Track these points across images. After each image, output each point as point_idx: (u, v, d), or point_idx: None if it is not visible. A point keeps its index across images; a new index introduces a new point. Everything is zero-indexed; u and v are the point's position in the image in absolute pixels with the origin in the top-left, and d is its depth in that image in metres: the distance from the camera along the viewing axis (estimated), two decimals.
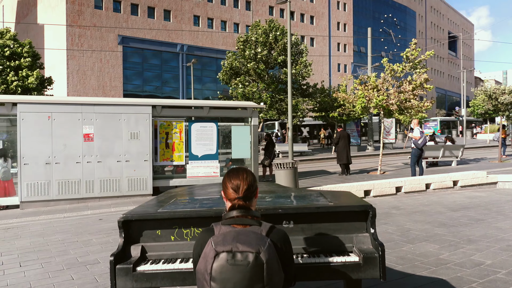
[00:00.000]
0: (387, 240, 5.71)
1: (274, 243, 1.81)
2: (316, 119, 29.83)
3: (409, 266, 4.56)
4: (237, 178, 1.95)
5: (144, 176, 11.09)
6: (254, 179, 2.00)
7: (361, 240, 2.44)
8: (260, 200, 2.80)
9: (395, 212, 7.74)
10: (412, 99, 13.80)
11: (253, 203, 1.97)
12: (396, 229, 6.32)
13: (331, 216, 2.49)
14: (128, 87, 43.34)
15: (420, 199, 9.25)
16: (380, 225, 6.65)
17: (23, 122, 10.02)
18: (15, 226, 7.98)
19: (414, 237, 5.83)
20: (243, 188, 1.92)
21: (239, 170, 2.01)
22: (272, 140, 14.03)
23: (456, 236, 5.80)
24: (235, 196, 1.92)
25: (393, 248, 5.29)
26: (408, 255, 5.00)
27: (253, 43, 23.72)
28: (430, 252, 5.07)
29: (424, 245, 5.41)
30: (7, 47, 23.17)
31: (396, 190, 9.89)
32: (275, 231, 1.88)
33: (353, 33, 63.45)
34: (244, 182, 1.94)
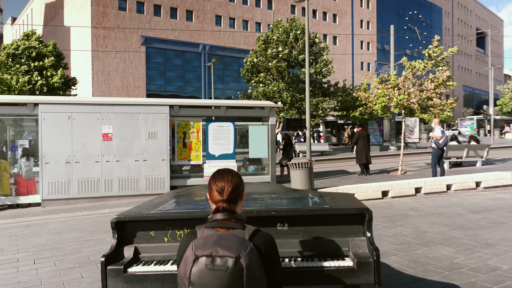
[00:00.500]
0: (401, 242, 5.57)
1: (258, 247, 1.76)
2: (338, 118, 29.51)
3: (421, 270, 4.42)
4: (222, 180, 1.91)
5: (161, 175, 11.18)
6: (240, 181, 1.96)
7: (357, 244, 2.36)
8: (256, 202, 2.75)
9: (412, 213, 7.55)
10: (434, 97, 13.46)
11: (238, 205, 1.93)
12: (411, 232, 6.16)
13: (327, 219, 2.42)
14: (151, 87, 43.93)
15: (440, 200, 9.00)
16: (395, 227, 6.50)
17: (44, 122, 10.26)
18: (34, 224, 8.17)
19: (430, 240, 5.66)
20: (227, 190, 1.88)
21: (225, 171, 1.96)
22: (290, 140, 13.94)
23: (473, 239, 5.60)
24: (219, 199, 1.88)
25: (406, 251, 5.15)
26: (421, 258, 4.85)
27: (274, 42, 23.63)
28: (444, 256, 4.91)
29: (439, 248, 5.25)
30: (33, 49, 23.81)
31: (415, 191, 9.66)
32: (259, 235, 1.82)
33: (376, 31, 62.51)
34: (229, 184, 1.90)
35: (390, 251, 5.20)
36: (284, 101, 23.02)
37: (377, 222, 6.90)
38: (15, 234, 7.23)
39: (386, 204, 8.72)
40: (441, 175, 11.58)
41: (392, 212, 7.76)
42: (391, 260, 4.83)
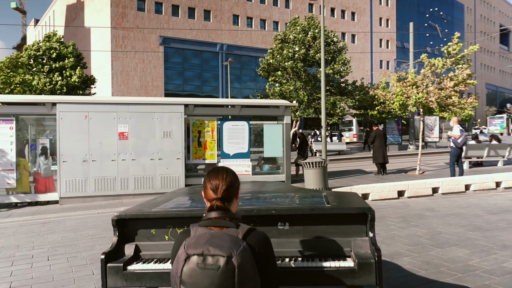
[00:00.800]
0: (414, 243, 5.45)
1: (251, 247, 1.73)
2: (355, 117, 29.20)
3: (433, 272, 4.32)
4: (216, 178, 1.89)
5: (176, 174, 11.25)
6: (235, 180, 1.93)
7: (359, 244, 2.30)
8: (258, 200, 2.72)
9: (428, 214, 7.39)
10: (454, 95, 13.16)
11: (233, 204, 1.90)
12: (426, 232, 6.03)
13: (328, 218, 2.37)
14: (169, 87, 44.32)
15: (458, 201, 8.79)
16: (410, 227, 6.38)
17: (61, 121, 10.44)
18: (51, 221, 8.32)
19: (444, 241, 5.53)
20: (221, 188, 1.86)
21: (220, 170, 1.94)
22: (305, 138, 13.85)
23: (490, 241, 5.45)
24: (213, 197, 1.86)
25: (419, 252, 5.04)
26: (434, 260, 4.74)
27: (291, 41, 23.52)
28: (459, 258, 4.79)
29: (454, 249, 5.12)
30: (54, 50, 24.29)
31: (432, 191, 9.47)
32: (254, 234, 1.79)
33: (396, 28, 61.62)
34: (223, 182, 1.87)
35: (402, 252, 5.10)
36: (301, 100, 22.89)
37: (391, 222, 6.79)
38: (32, 231, 7.38)
39: (402, 204, 8.57)
40: (460, 175, 11.33)
41: (408, 212, 7.62)
42: (403, 261, 4.74)
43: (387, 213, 7.59)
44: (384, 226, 6.53)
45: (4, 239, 6.81)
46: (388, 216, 7.26)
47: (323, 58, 13.40)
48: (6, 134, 10.30)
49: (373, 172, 14.30)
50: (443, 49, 13.28)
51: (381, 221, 6.90)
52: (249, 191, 3.24)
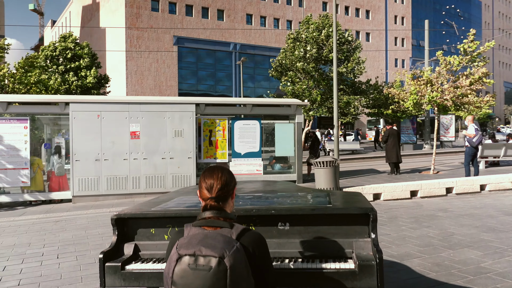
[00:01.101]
0: (425, 244, 5.35)
1: (245, 247, 1.69)
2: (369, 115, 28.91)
3: (443, 274, 4.22)
4: (211, 177, 1.85)
5: (188, 173, 11.27)
6: (230, 179, 1.89)
7: (361, 245, 2.24)
8: (259, 200, 2.68)
9: (441, 214, 7.25)
10: (470, 94, 12.91)
11: (228, 203, 1.86)
12: (438, 233, 5.91)
13: (330, 219, 2.32)
14: (183, 86, 44.53)
15: (473, 201, 8.61)
16: (422, 228, 6.26)
17: (74, 120, 10.55)
18: (63, 219, 8.41)
19: (457, 242, 5.41)
20: (216, 187, 1.82)
21: (215, 169, 1.90)
22: (317, 137, 13.75)
23: (504, 242, 5.31)
24: (208, 196, 1.83)
25: (430, 254, 4.94)
26: (445, 261, 4.64)
27: (303, 40, 23.36)
28: (470, 260, 4.67)
29: (466, 251, 5.00)
30: (69, 50, 24.62)
31: (446, 191, 9.29)
32: (248, 234, 1.75)
33: (411, 26, 60.83)
34: (218, 181, 1.84)
35: (413, 253, 5.00)
36: (314, 99, 22.73)
37: (402, 222, 6.68)
38: (44, 229, 7.46)
39: (415, 204, 8.43)
40: (475, 175, 11.10)
41: (420, 212, 7.49)
42: (413, 262, 4.65)
43: (399, 213, 7.47)
44: (395, 226, 6.43)
45: (16, 237, 6.90)
46: (399, 217, 7.14)
47: (335, 57, 13.27)
48: (21, 134, 10.44)
49: (386, 172, 14.13)
50: (459, 47, 13.02)
51: (392, 221, 6.80)
52: (253, 190, 3.20)
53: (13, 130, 10.41)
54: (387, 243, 5.50)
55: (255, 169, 11.93)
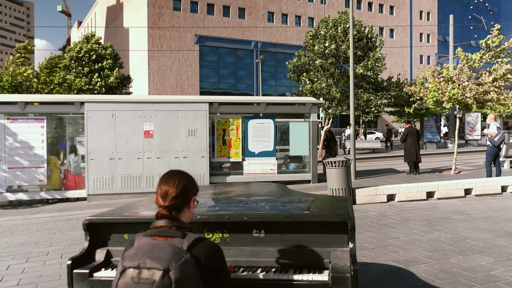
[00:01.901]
0: (435, 249, 5.12)
1: (197, 258, 1.59)
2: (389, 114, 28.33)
3: (449, 282, 4.01)
4: (167, 184, 1.74)
5: (201, 172, 11.25)
6: (188, 187, 1.76)
7: (338, 255, 2.10)
8: (235, 205, 2.56)
9: (456, 217, 6.96)
10: (492, 91, 12.42)
11: (183, 213, 1.74)
12: (450, 237, 5.66)
13: (306, 226, 2.19)
14: (204, 85, 44.76)
15: (492, 203, 8.26)
16: (433, 231, 6.02)
17: (89, 120, 10.67)
18: (75, 218, 8.51)
19: (468, 247, 5.16)
20: (170, 195, 1.71)
21: (173, 174, 1.79)
22: (334, 136, 13.51)
23: None
24: (161, 204, 1.73)
25: (438, 259, 4.72)
26: (453, 268, 4.42)
27: (322, 37, 23.07)
28: (481, 266, 4.43)
29: (477, 257, 4.76)
30: (94, 51, 25.06)
31: (465, 192, 8.94)
32: (201, 244, 1.64)
33: (437, 21, 59.32)
34: (173, 189, 1.72)
35: (420, 258, 4.79)
36: (333, 97, 22.43)
37: (414, 225, 6.44)
38: (55, 228, 7.56)
39: (430, 206, 8.14)
40: (497, 175, 10.66)
41: (434, 215, 7.21)
42: (419, 268, 4.44)
43: (412, 215, 7.22)
44: (406, 229, 6.20)
45: (27, 235, 7.00)
46: (412, 219, 6.90)
47: (351, 53, 12.98)
48: (38, 133, 10.63)
49: (405, 172, 13.75)
50: (481, 42, 12.54)
51: (403, 224, 6.57)
52: (233, 194, 3.08)
53: (31, 130, 10.61)
54: (394, 247, 5.30)
55: (269, 169, 11.82)
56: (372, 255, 5.01)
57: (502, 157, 13.80)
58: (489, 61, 12.76)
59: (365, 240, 5.70)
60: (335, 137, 13.85)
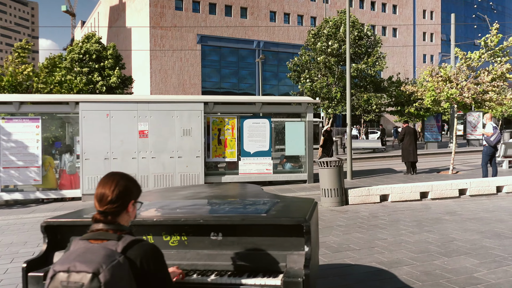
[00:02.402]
0: (420, 251, 5.07)
1: (131, 261, 1.55)
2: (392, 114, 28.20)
3: (430, 285, 3.96)
4: (104, 187, 1.69)
5: (196, 172, 11.23)
6: (126, 191, 1.70)
7: (294, 259, 2.06)
8: (195, 207, 2.53)
9: (447, 218, 6.90)
10: (491, 91, 12.32)
11: (121, 217, 1.70)
12: (438, 239, 5.60)
13: (264, 229, 2.15)
14: (206, 85, 44.76)
15: (486, 204, 8.18)
16: (422, 232, 5.96)
17: (84, 119, 10.67)
18: None
19: (455, 248, 5.10)
20: (106, 200, 1.67)
21: (111, 177, 1.74)
22: (331, 136, 13.46)
23: (506, 250, 4.96)
24: (97, 208, 1.69)
25: (422, 261, 4.66)
26: (436, 270, 4.36)
27: (324, 36, 23.00)
28: (464, 269, 4.38)
29: (462, 259, 4.70)
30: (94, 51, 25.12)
31: (459, 192, 8.86)
32: (137, 246, 1.60)
33: (441, 20, 59.00)
34: (110, 193, 1.67)
35: (404, 260, 4.74)
36: (334, 96, 22.36)
37: (403, 226, 6.38)
38: None
39: (423, 206, 8.08)
40: (493, 175, 10.56)
41: (425, 215, 7.15)
42: (401, 270, 4.40)
43: (403, 216, 7.17)
44: (395, 230, 6.15)
45: (17, 235, 7.00)
46: (402, 220, 6.84)
47: (348, 52, 12.91)
48: (32, 133, 10.64)
49: (402, 172, 13.67)
50: (480, 41, 12.44)
51: (393, 225, 6.51)
52: (200, 196, 3.05)
53: (26, 129, 10.62)
54: (381, 248, 5.25)
55: (265, 169, 11.78)
56: (357, 256, 4.97)
57: (501, 157, 13.71)
58: (488, 60, 12.66)
59: (352, 241, 5.65)
60: (332, 137, 13.79)
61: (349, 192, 8.43)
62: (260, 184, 11.81)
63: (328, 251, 5.21)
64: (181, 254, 2.17)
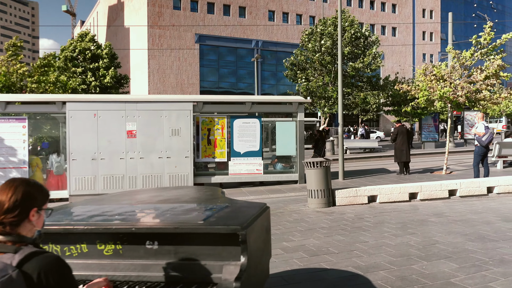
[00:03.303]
0: (400, 254, 4.93)
1: (28, 275, 1.42)
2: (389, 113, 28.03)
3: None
4: (1, 194, 1.55)
5: (185, 172, 11.10)
6: (26, 198, 1.56)
7: (231, 270, 1.93)
8: (131, 214, 2.40)
9: (433, 220, 6.75)
10: (484, 89, 12.16)
11: (22, 227, 1.56)
12: (420, 241, 5.46)
13: (201, 238, 2.02)
14: (204, 84, 44.62)
15: (476, 205, 8.03)
16: (405, 235, 5.82)
17: (71, 119, 10.55)
18: None
19: (436, 252, 4.96)
20: (2, 208, 1.52)
21: (9, 183, 1.58)
22: (322, 136, 13.32)
23: (487, 254, 4.82)
24: None
25: (400, 265, 4.53)
26: (413, 275, 4.23)
27: (318, 35, 22.85)
28: (442, 273, 4.24)
29: (442, 263, 4.56)
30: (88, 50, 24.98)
31: (449, 193, 8.71)
32: (36, 259, 1.46)
33: (441, 19, 58.74)
34: (7, 201, 1.52)
35: (382, 264, 4.60)
36: (330, 95, 22.21)
37: (387, 228, 6.24)
38: None
39: (411, 208, 7.93)
40: (485, 176, 10.41)
41: (412, 217, 7.01)
42: (377, 275, 4.26)
43: (388, 218, 7.02)
44: (377, 233, 6.01)
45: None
46: (387, 222, 6.70)
47: (340, 46, 12.74)
48: (19, 133, 10.53)
49: (396, 172, 13.52)
50: (471, 39, 12.29)
51: (377, 227, 6.37)
52: (150, 201, 2.91)
53: (12, 130, 10.51)
54: (360, 251, 5.12)
55: (255, 169, 11.64)
56: (334, 260, 4.83)
57: (496, 157, 13.55)
58: (481, 59, 12.51)
59: (332, 244, 5.52)
60: (324, 137, 13.65)
61: (336, 193, 8.29)
62: (250, 185, 11.75)
63: (305, 254, 5.08)
64: (114, 264, 2.04)
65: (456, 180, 9.03)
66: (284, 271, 4.53)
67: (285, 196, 10.09)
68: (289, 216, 7.48)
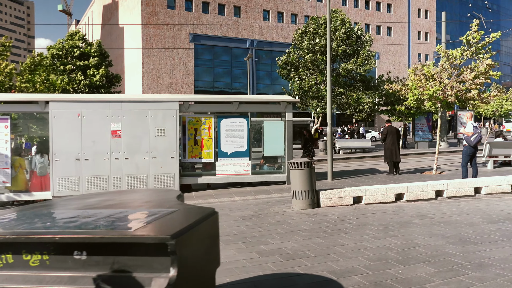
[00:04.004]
0: (378, 258, 4.79)
1: None
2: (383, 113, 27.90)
3: None
4: None
5: (171, 173, 10.94)
6: None
7: (160, 283, 1.78)
8: (71, 219, 2.24)
9: (417, 221, 6.62)
10: (474, 89, 12.05)
11: None
12: (400, 244, 5.32)
13: (131, 248, 1.86)
14: (199, 84, 44.45)
15: (462, 206, 7.90)
16: (385, 237, 5.68)
17: (54, 119, 10.38)
18: None
19: (414, 255, 4.82)
20: None
21: None
22: (311, 136, 13.18)
23: (467, 257, 4.68)
24: None
25: (376, 270, 4.38)
26: (387, 280, 4.08)
27: (311, 34, 22.71)
28: (418, 278, 4.09)
29: (419, 267, 4.42)
30: (77, 48, 24.73)
31: (436, 194, 8.59)
32: None
33: (436, 19, 58.75)
34: None
35: (357, 268, 4.46)
36: (322, 95, 22.07)
37: (369, 231, 6.10)
38: None
39: (396, 209, 7.80)
40: (473, 176, 10.30)
41: (395, 219, 6.87)
42: (351, 281, 4.11)
43: (372, 219, 6.88)
44: (358, 235, 5.86)
45: None
46: (370, 224, 6.56)
47: (328, 48, 12.60)
48: (1, 133, 10.35)
49: (386, 172, 13.40)
50: (461, 38, 12.18)
51: (358, 229, 6.23)
52: (97, 205, 2.75)
53: None
54: (337, 255, 4.97)
55: (243, 169, 11.50)
56: (309, 264, 4.68)
57: (486, 157, 13.45)
58: (470, 58, 12.40)
59: (310, 247, 5.37)
60: (313, 137, 13.50)
61: (321, 194, 8.15)
62: (238, 186, 11.59)
63: (281, 258, 4.93)
64: (40, 276, 1.88)
65: (443, 180, 8.90)
66: (256, 276, 4.38)
67: (271, 197, 9.94)
68: (271, 218, 7.33)
